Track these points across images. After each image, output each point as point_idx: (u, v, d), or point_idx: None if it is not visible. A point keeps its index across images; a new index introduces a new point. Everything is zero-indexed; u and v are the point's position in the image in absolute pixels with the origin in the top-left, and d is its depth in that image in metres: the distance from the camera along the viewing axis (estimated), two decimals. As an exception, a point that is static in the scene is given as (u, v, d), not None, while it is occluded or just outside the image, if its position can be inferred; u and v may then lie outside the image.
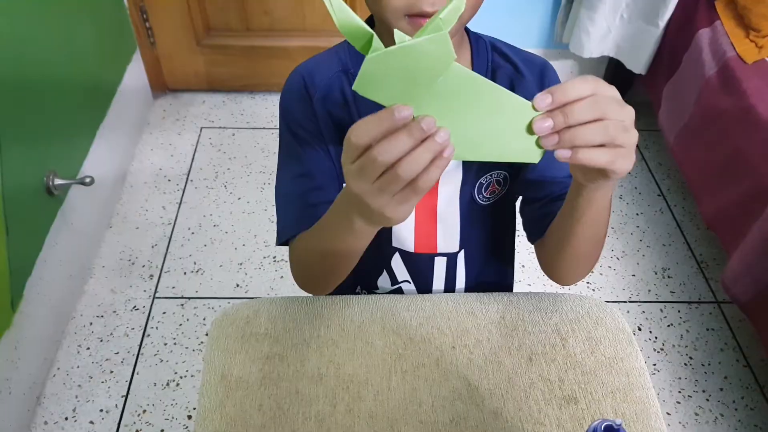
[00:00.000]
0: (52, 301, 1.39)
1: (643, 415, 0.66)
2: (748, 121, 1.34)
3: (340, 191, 0.59)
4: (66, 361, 1.40)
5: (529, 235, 0.81)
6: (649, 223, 1.77)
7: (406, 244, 0.79)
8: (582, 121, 0.46)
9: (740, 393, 1.39)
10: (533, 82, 0.73)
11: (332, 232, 0.62)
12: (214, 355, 0.71)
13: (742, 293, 1.27)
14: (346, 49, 0.72)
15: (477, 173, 0.75)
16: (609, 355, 0.71)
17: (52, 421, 1.30)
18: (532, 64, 0.74)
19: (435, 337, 0.73)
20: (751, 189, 1.30)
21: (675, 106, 1.65)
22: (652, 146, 2.01)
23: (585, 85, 0.47)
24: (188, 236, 1.69)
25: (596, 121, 0.47)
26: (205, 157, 1.93)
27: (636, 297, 1.58)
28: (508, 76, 0.73)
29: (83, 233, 1.56)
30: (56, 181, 1.36)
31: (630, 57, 1.85)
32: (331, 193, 0.74)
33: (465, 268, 0.83)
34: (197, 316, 1.50)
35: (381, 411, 0.66)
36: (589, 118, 0.46)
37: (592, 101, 0.47)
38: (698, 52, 1.55)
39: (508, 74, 0.73)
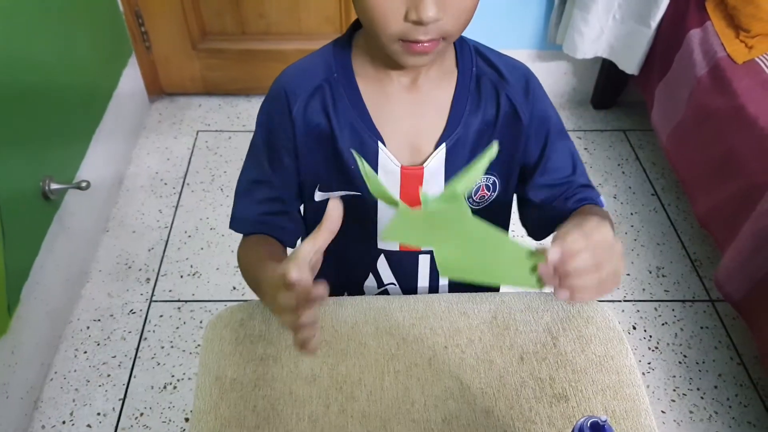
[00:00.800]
0: (49, 305, 1.39)
1: (633, 413, 0.67)
2: (739, 120, 1.35)
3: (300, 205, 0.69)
4: (63, 365, 1.40)
5: (535, 237, 0.82)
6: (643, 222, 1.78)
7: (391, 244, 0.80)
8: (580, 271, 0.54)
9: (734, 390, 1.40)
10: (518, 87, 0.74)
11: (255, 286, 0.70)
12: (209, 357, 0.72)
13: (734, 291, 1.28)
14: (332, 53, 0.73)
15: None
16: (599, 354, 0.72)
17: (50, 425, 1.30)
18: (515, 70, 0.75)
19: (427, 337, 0.74)
20: (742, 187, 1.31)
21: (667, 106, 1.66)
22: (645, 146, 2.02)
23: (582, 241, 0.54)
24: (185, 240, 1.70)
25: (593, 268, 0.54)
26: (201, 161, 1.94)
27: (630, 296, 1.59)
28: (492, 82, 0.74)
29: (80, 237, 1.56)
30: (52, 186, 1.37)
31: (623, 57, 1.86)
32: (287, 204, 0.77)
33: None
34: (194, 319, 1.50)
35: (374, 410, 0.66)
36: (586, 267, 0.54)
37: (589, 254, 0.54)
38: (689, 52, 1.57)
39: (492, 80, 0.74)
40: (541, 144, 0.77)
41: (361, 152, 0.73)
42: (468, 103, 0.73)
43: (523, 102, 0.74)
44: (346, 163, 0.74)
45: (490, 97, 0.74)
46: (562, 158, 0.78)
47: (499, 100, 0.73)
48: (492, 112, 0.74)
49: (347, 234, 0.81)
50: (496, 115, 0.74)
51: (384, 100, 0.72)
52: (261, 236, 0.78)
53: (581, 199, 0.78)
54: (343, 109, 0.72)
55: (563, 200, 0.78)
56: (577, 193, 0.78)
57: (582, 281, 0.54)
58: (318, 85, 0.71)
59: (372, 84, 0.72)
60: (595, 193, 0.79)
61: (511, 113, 0.74)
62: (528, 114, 0.74)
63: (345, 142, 0.73)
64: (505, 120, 0.74)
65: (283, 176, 0.76)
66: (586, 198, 0.78)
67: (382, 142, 0.72)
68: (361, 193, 0.76)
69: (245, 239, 0.79)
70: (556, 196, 0.78)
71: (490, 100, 0.74)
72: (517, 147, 0.76)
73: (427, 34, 0.61)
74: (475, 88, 0.73)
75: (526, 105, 0.74)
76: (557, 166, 0.78)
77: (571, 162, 0.79)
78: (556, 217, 0.77)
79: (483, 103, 0.73)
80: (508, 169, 0.78)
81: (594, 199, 0.78)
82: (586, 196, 0.78)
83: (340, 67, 0.72)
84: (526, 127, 0.75)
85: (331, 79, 0.72)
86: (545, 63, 2.07)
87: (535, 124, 0.75)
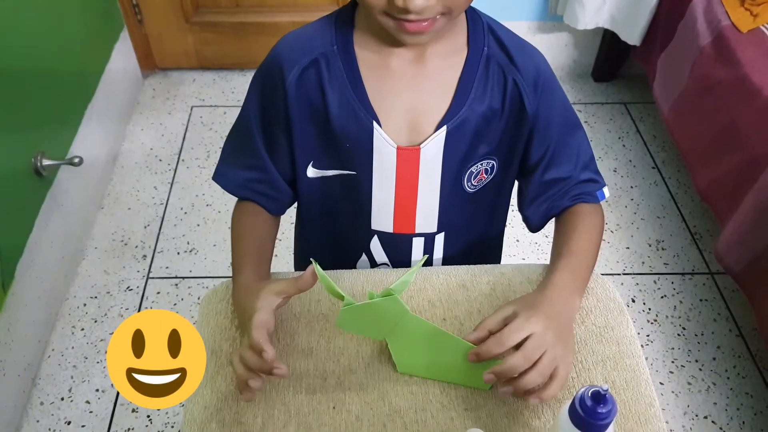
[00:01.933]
0: (45, 283, 1.38)
1: (634, 383, 0.66)
2: (742, 90, 1.32)
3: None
4: (60, 343, 1.40)
5: (530, 227, 0.82)
6: (643, 195, 1.77)
7: (385, 225, 0.78)
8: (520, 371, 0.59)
9: (732, 362, 1.40)
10: (527, 76, 0.70)
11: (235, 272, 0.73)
12: (205, 331, 0.71)
13: (734, 263, 1.28)
14: (334, 24, 0.70)
15: (462, 161, 0.74)
16: (600, 324, 0.71)
17: (48, 401, 1.30)
18: (528, 59, 0.71)
19: (426, 310, 0.73)
20: (744, 159, 1.29)
21: (669, 77, 1.64)
22: (647, 118, 2.00)
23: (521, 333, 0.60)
24: (181, 216, 1.68)
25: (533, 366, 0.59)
26: (196, 137, 1.92)
27: (630, 269, 1.58)
28: (501, 65, 0.70)
29: (74, 215, 1.55)
30: (44, 162, 1.35)
31: (624, 28, 1.83)
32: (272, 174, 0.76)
33: (443, 250, 0.82)
34: (191, 296, 1.50)
35: (371, 383, 0.66)
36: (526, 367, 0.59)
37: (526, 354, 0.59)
38: (693, 21, 1.54)
39: (501, 64, 0.70)
40: (545, 144, 0.75)
41: (355, 131, 0.70)
42: (475, 85, 0.69)
43: (531, 93, 0.71)
44: (341, 141, 0.71)
45: (497, 81, 0.70)
46: (566, 157, 0.76)
47: (506, 85, 0.70)
48: (499, 98, 0.70)
49: (341, 214, 0.80)
50: (502, 101, 0.71)
51: (385, 74, 0.69)
52: (250, 206, 0.78)
53: (577, 196, 0.77)
54: (339, 84, 0.69)
55: (560, 197, 0.77)
56: (574, 189, 0.77)
57: (523, 384, 0.59)
58: (315, 58, 0.68)
59: (374, 56, 0.69)
60: (595, 186, 0.78)
61: (518, 100, 0.71)
62: (534, 107, 0.71)
63: (339, 120, 0.70)
64: (511, 106, 0.71)
65: (272, 146, 0.74)
66: (583, 194, 0.77)
67: (378, 122, 0.69)
68: (356, 173, 0.74)
69: (238, 206, 0.79)
70: (554, 193, 0.77)
71: (498, 84, 0.70)
72: (519, 135, 0.74)
73: (420, 15, 0.59)
74: (484, 70, 0.70)
75: (534, 97, 0.71)
76: (559, 164, 0.76)
77: (574, 159, 0.77)
78: (550, 211, 0.78)
79: (490, 87, 0.70)
80: (508, 154, 0.76)
81: (591, 194, 0.78)
82: (584, 191, 0.77)
83: (340, 39, 0.69)
84: (531, 119, 0.72)
85: (329, 52, 0.69)
86: (546, 34, 2.04)
87: (541, 121, 0.73)
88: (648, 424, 0.63)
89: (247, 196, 0.77)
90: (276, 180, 0.76)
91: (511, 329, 0.61)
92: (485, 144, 0.73)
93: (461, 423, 0.63)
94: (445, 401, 0.64)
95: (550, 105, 0.73)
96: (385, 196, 0.75)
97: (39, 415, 1.28)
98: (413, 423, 0.63)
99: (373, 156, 0.71)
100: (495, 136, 0.73)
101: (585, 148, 0.78)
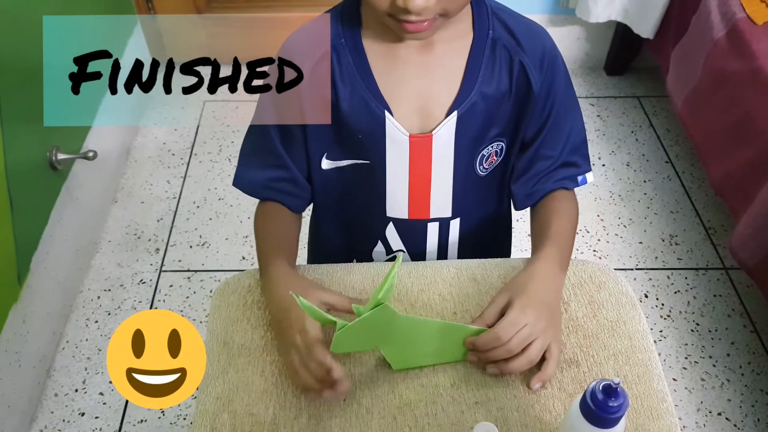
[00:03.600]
0: (59, 275, 1.40)
1: (646, 377, 0.66)
2: (756, 83, 1.31)
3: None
4: (74, 334, 1.42)
5: (515, 205, 0.83)
6: (656, 190, 1.75)
7: (400, 212, 0.79)
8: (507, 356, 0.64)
9: (747, 358, 1.38)
10: (533, 57, 0.71)
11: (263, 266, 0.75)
12: (217, 323, 0.72)
13: (749, 258, 1.26)
14: (340, 18, 0.70)
15: (473, 145, 0.74)
16: (611, 319, 0.71)
17: (63, 393, 1.32)
18: (533, 39, 0.72)
19: (436, 303, 0.73)
20: (759, 153, 1.28)
21: (683, 70, 1.62)
22: (660, 112, 1.98)
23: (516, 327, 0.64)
24: (193, 210, 1.69)
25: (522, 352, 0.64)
26: (208, 131, 1.92)
27: (643, 264, 1.57)
28: (507, 48, 0.71)
29: (89, 208, 1.56)
30: (59, 156, 1.36)
31: (638, 21, 1.81)
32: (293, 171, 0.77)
33: (459, 234, 0.83)
34: (204, 289, 1.51)
35: (382, 375, 0.66)
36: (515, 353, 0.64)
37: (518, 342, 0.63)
38: (707, 14, 1.52)
39: (508, 47, 0.71)
40: (541, 121, 0.75)
41: (368, 121, 0.71)
42: (483, 69, 0.70)
43: (537, 72, 0.71)
44: (354, 132, 0.72)
45: (504, 63, 0.71)
46: (558, 135, 0.77)
47: (513, 67, 0.71)
48: (506, 80, 0.71)
49: (356, 202, 0.81)
50: (510, 83, 0.71)
51: (394, 63, 0.70)
52: (273, 206, 0.78)
53: (559, 180, 0.79)
54: (349, 76, 0.70)
55: (544, 179, 0.78)
56: (558, 172, 0.78)
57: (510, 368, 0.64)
58: (325, 51, 0.69)
59: (381, 47, 0.70)
60: (577, 170, 0.79)
61: (524, 81, 0.72)
62: (539, 85, 0.72)
63: (352, 111, 0.71)
64: (518, 87, 0.72)
65: (290, 144, 0.75)
66: (565, 179, 0.79)
67: (389, 111, 0.70)
68: (370, 162, 0.74)
69: (260, 207, 0.79)
70: (540, 170, 0.78)
71: (504, 66, 0.71)
72: (525, 115, 0.74)
73: (420, 16, 0.60)
74: (490, 53, 0.70)
75: (539, 75, 0.72)
76: (551, 140, 0.77)
77: (564, 138, 0.77)
78: (534, 195, 0.79)
79: (498, 70, 0.71)
80: (514, 134, 0.76)
81: (573, 178, 0.79)
82: (566, 176, 0.79)
83: (348, 32, 0.70)
84: (536, 97, 0.73)
85: (338, 45, 0.70)
86: (558, 28, 2.02)
87: (542, 98, 0.73)
88: (660, 419, 0.63)
89: (271, 197, 0.78)
90: (297, 177, 0.77)
91: (506, 323, 0.64)
92: (495, 126, 0.74)
93: (471, 416, 0.63)
94: (456, 395, 0.65)
95: (552, 82, 0.74)
96: (399, 183, 0.76)
97: (53, 406, 1.30)
98: (423, 416, 0.63)
99: (386, 145, 0.72)
100: (504, 118, 0.74)
101: (578, 129, 0.79)
